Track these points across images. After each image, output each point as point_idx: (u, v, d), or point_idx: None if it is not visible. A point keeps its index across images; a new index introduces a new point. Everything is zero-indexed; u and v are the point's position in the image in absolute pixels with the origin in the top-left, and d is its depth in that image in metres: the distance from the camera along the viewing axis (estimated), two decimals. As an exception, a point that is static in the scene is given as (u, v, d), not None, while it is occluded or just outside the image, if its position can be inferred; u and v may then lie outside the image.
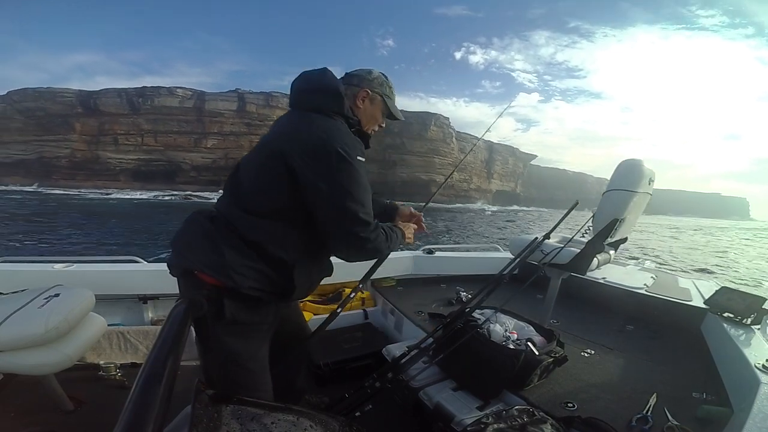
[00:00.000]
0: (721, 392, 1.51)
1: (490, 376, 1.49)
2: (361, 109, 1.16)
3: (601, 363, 1.77)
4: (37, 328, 1.31)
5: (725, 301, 1.97)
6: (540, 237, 1.67)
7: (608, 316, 2.34)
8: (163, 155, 59.75)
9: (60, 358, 1.36)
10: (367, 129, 1.20)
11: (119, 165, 59.72)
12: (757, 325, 1.79)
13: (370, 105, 1.17)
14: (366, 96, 1.16)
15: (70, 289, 1.53)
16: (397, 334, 2.31)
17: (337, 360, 2.00)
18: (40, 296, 1.45)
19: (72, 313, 1.41)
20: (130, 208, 28.68)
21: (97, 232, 15.43)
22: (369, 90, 1.16)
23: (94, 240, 13.29)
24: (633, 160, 1.86)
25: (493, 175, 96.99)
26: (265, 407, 0.80)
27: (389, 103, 1.21)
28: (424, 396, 1.53)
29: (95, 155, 58.58)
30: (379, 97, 1.18)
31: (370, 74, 1.17)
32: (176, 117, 60.53)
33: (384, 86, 1.19)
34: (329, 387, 1.88)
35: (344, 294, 2.56)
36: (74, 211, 23.36)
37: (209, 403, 0.69)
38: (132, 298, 2.15)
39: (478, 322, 1.60)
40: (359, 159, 1.01)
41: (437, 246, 3.03)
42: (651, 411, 1.37)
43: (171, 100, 60.79)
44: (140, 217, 22.05)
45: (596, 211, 1.87)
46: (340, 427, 0.87)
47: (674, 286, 2.56)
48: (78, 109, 58.45)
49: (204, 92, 62.57)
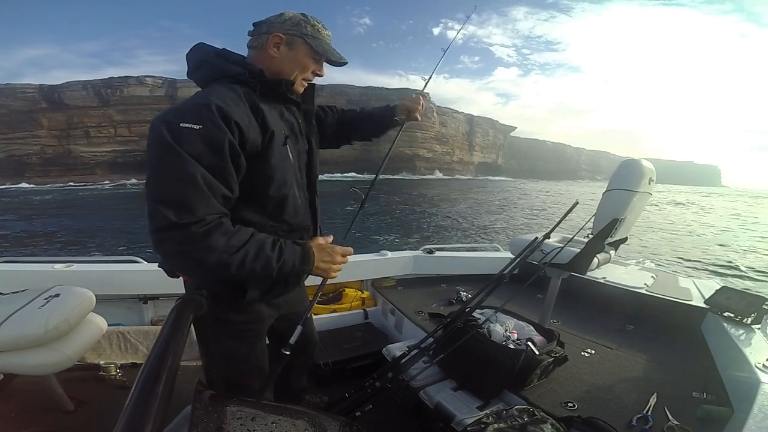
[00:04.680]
0: (721, 392, 1.51)
1: (490, 376, 1.49)
2: (276, 58, 0.98)
3: (601, 363, 1.77)
4: (37, 329, 1.31)
5: (725, 301, 1.97)
6: (540, 237, 1.67)
7: (608, 316, 2.33)
8: (139, 145, 57.73)
9: (60, 359, 1.36)
10: (294, 79, 1.01)
11: (94, 158, 58.59)
12: (758, 324, 1.79)
13: (288, 51, 0.98)
14: (279, 41, 0.97)
15: (71, 289, 1.53)
16: (398, 334, 2.31)
17: (337, 360, 2.00)
18: (41, 296, 1.46)
19: (72, 314, 1.41)
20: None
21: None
22: (281, 34, 0.97)
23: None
24: (633, 160, 1.86)
25: (474, 147, 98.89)
26: (265, 407, 0.80)
27: (316, 44, 1.00)
28: (424, 396, 1.53)
29: (67, 150, 57.31)
30: (300, 40, 0.98)
31: (281, 16, 0.99)
32: (148, 106, 59.20)
33: (302, 26, 0.98)
34: (329, 387, 1.88)
35: (345, 294, 2.56)
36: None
37: (209, 403, 0.69)
38: (132, 298, 2.15)
39: (479, 322, 1.60)
40: (191, 126, 0.79)
41: (437, 246, 3.03)
42: (651, 411, 1.37)
43: (141, 90, 59.87)
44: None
45: (596, 210, 1.87)
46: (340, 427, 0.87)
47: (674, 285, 2.56)
48: (42, 104, 56.98)
49: (175, 80, 61.89)
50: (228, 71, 0.94)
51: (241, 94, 0.91)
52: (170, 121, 0.80)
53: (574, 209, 1.57)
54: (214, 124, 0.81)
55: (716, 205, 42.67)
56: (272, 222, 1.01)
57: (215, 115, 0.81)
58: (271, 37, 0.97)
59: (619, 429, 1.24)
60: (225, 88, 0.89)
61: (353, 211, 1.36)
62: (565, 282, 1.99)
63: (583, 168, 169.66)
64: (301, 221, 1.09)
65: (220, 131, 0.81)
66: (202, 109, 0.82)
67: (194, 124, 0.80)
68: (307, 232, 1.13)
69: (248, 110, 0.90)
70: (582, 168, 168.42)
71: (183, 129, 0.79)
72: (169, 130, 0.79)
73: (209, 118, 0.81)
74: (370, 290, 2.70)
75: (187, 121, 0.80)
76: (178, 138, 0.79)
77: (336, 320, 2.41)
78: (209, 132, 0.81)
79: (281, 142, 0.96)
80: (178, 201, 0.79)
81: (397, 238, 12.26)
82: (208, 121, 0.81)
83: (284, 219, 1.03)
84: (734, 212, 32.79)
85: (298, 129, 1.07)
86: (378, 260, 2.67)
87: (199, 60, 0.97)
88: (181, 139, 0.79)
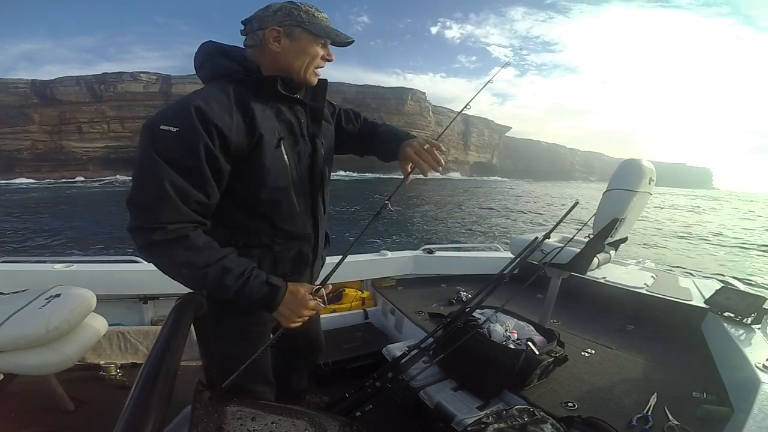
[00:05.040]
0: (721, 392, 1.51)
1: (490, 376, 1.49)
2: (280, 52, 0.93)
3: (601, 363, 1.77)
4: (38, 329, 1.31)
5: (725, 301, 1.97)
6: (540, 237, 1.67)
7: (608, 316, 2.33)
8: (132, 141, 56.63)
9: (61, 359, 1.37)
10: (304, 71, 0.96)
11: (86, 154, 57.99)
12: (758, 324, 1.79)
13: (290, 42, 0.93)
14: (278, 34, 0.92)
15: (71, 290, 1.53)
16: (398, 334, 2.31)
17: (337, 360, 2.00)
18: (41, 296, 1.46)
19: (73, 314, 1.41)
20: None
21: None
22: (278, 27, 0.92)
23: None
24: (633, 159, 1.86)
25: (469, 146, 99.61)
26: (265, 407, 0.80)
27: (316, 29, 0.94)
28: (424, 396, 1.53)
29: (59, 145, 56.74)
30: (298, 29, 0.93)
31: (269, 9, 0.92)
32: (142, 102, 58.80)
33: (295, 14, 0.92)
34: (329, 387, 1.88)
35: (345, 294, 2.56)
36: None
37: (209, 403, 0.69)
38: (132, 298, 2.15)
39: (479, 322, 1.60)
40: (168, 129, 0.78)
41: (437, 246, 3.03)
42: (651, 411, 1.37)
43: (135, 86, 59.24)
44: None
45: (596, 210, 1.87)
46: (340, 427, 0.87)
47: (674, 285, 2.56)
48: (33, 99, 56.44)
49: (170, 76, 61.44)
50: (224, 69, 0.91)
51: (231, 94, 0.87)
52: (153, 123, 0.79)
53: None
54: (190, 127, 0.79)
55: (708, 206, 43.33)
56: (266, 228, 0.97)
57: (193, 117, 0.79)
58: (267, 32, 0.91)
59: (619, 429, 1.24)
60: (216, 88, 0.87)
61: (343, 211, 1.32)
62: (565, 282, 1.99)
63: (577, 169, 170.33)
64: (300, 229, 1.04)
65: (196, 134, 0.79)
66: (182, 111, 0.80)
67: (172, 127, 0.78)
68: (307, 241, 1.07)
69: (234, 111, 0.85)
70: (576, 169, 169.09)
71: (160, 131, 0.78)
72: (150, 132, 0.79)
73: (187, 120, 0.79)
74: (370, 290, 2.70)
75: (166, 123, 0.79)
76: (155, 140, 0.78)
77: (336, 320, 2.41)
78: (185, 135, 0.79)
79: (273, 145, 0.91)
80: (142, 203, 0.79)
81: (398, 237, 12.28)
82: (184, 124, 0.79)
83: (279, 226, 0.99)
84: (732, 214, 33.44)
85: (299, 129, 0.99)
86: (378, 260, 2.67)
87: (202, 58, 0.95)
88: (157, 141, 0.78)
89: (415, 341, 1.70)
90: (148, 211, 0.79)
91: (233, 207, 0.92)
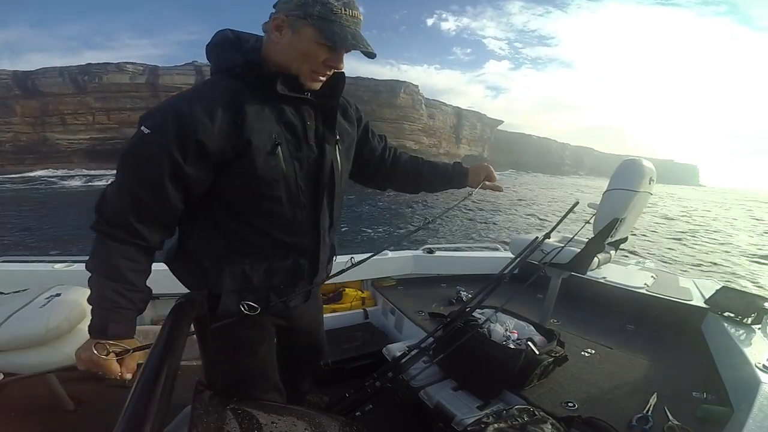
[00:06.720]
0: (721, 392, 1.51)
1: (490, 376, 1.49)
2: (279, 45, 0.81)
3: (601, 363, 1.77)
4: (38, 328, 1.31)
5: (725, 301, 1.97)
6: (540, 237, 1.67)
7: (608, 316, 2.33)
8: (119, 132, 54.94)
9: (61, 358, 1.36)
10: (299, 72, 0.82)
11: (70, 146, 56.11)
12: (758, 324, 1.79)
13: (292, 36, 0.79)
14: (282, 24, 0.79)
15: (72, 289, 1.52)
16: (398, 334, 2.31)
17: (337, 360, 2.00)
18: (42, 296, 1.45)
19: (73, 313, 1.41)
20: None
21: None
22: (285, 15, 0.78)
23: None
24: (633, 159, 1.86)
25: (461, 140, 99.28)
26: (265, 407, 0.80)
27: (324, 28, 0.77)
28: (424, 396, 1.53)
29: (42, 137, 54.80)
30: (303, 21, 0.77)
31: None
32: (128, 94, 56.66)
33: (309, 5, 0.76)
34: (329, 387, 1.88)
35: (345, 294, 2.56)
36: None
37: (209, 403, 0.69)
38: None
39: (479, 322, 1.60)
40: (143, 129, 0.76)
41: (438, 245, 3.03)
42: (651, 411, 1.37)
43: (121, 77, 56.92)
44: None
45: (597, 210, 1.87)
46: (340, 427, 0.87)
47: (675, 285, 2.56)
48: (15, 90, 54.21)
49: (157, 66, 59.14)
50: (226, 63, 0.83)
51: (223, 93, 0.80)
52: (141, 118, 0.78)
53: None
54: (161, 132, 0.76)
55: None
56: (260, 236, 0.91)
57: (168, 122, 0.76)
58: (273, 21, 0.80)
59: (619, 429, 1.24)
60: (208, 86, 0.83)
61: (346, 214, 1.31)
62: (565, 282, 1.99)
63: (567, 163, 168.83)
64: (298, 241, 0.95)
65: (163, 140, 0.75)
66: (161, 112, 0.77)
67: (147, 128, 0.76)
68: (304, 256, 0.97)
69: (220, 114, 0.78)
70: (566, 163, 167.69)
71: (140, 130, 0.77)
72: (137, 126, 0.79)
73: (161, 124, 0.76)
74: (370, 290, 2.70)
75: (146, 121, 0.77)
76: (133, 137, 0.78)
77: (336, 320, 2.41)
78: (152, 139, 0.76)
79: (266, 149, 0.82)
80: (105, 192, 0.80)
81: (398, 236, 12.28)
82: (157, 127, 0.76)
83: (273, 235, 0.91)
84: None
85: (304, 133, 0.88)
86: (378, 260, 2.67)
87: (210, 50, 0.88)
88: (133, 138, 0.78)
89: (415, 341, 1.70)
90: (103, 199, 0.80)
91: (227, 212, 0.88)
